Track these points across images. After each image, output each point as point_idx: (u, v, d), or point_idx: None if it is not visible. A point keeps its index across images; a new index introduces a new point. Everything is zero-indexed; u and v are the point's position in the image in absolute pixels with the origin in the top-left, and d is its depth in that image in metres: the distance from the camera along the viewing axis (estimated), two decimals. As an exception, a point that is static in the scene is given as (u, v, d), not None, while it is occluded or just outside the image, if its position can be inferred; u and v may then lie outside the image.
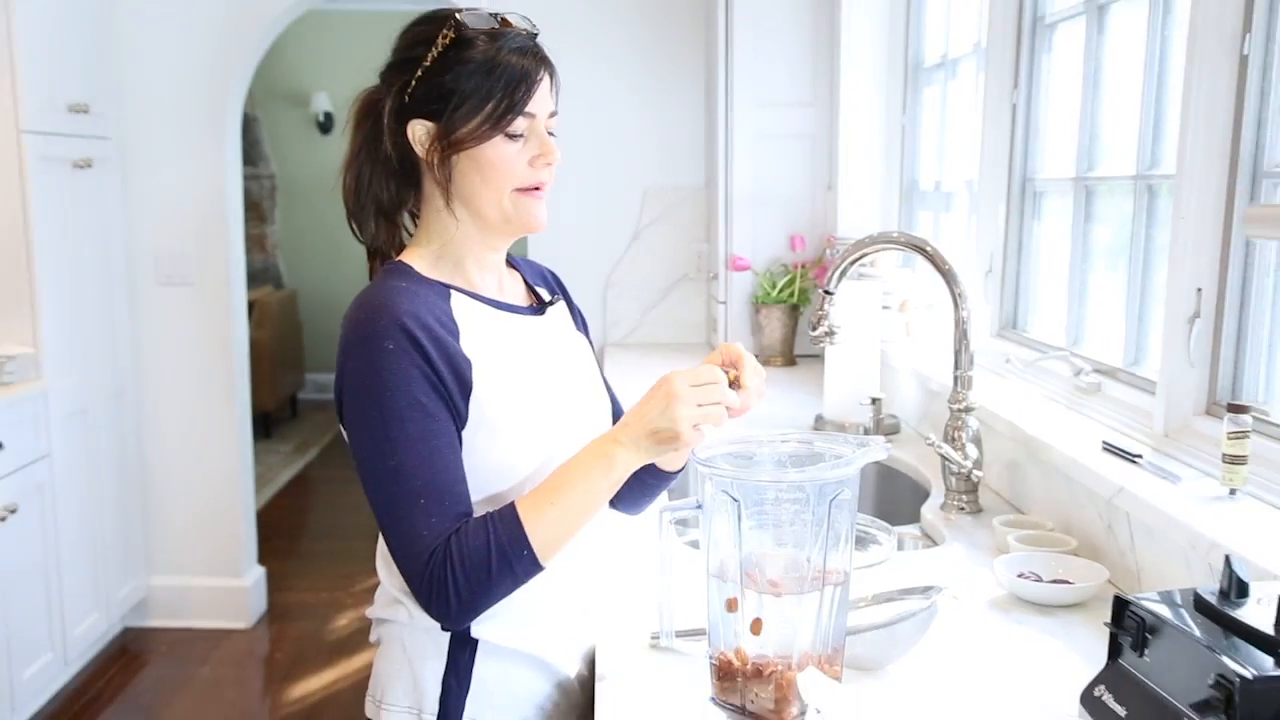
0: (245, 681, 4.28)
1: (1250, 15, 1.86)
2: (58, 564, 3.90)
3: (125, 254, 4.48)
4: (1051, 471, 2.09)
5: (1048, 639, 1.61)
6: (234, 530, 4.69)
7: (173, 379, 4.59)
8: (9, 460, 3.60)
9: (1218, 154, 1.91)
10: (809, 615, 1.26)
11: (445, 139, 1.46)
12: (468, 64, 1.44)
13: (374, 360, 1.40)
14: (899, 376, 3.08)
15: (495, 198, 1.48)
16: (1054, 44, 2.73)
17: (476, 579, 1.35)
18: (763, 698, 1.26)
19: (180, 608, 4.68)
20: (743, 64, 4.01)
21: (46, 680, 3.90)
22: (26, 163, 3.74)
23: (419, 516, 1.37)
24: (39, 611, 3.81)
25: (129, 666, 4.37)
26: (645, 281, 4.54)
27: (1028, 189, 2.83)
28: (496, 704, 1.52)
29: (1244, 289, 1.91)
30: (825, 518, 1.23)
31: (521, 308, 1.61)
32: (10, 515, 3.57)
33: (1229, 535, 1.53)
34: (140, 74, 4.43)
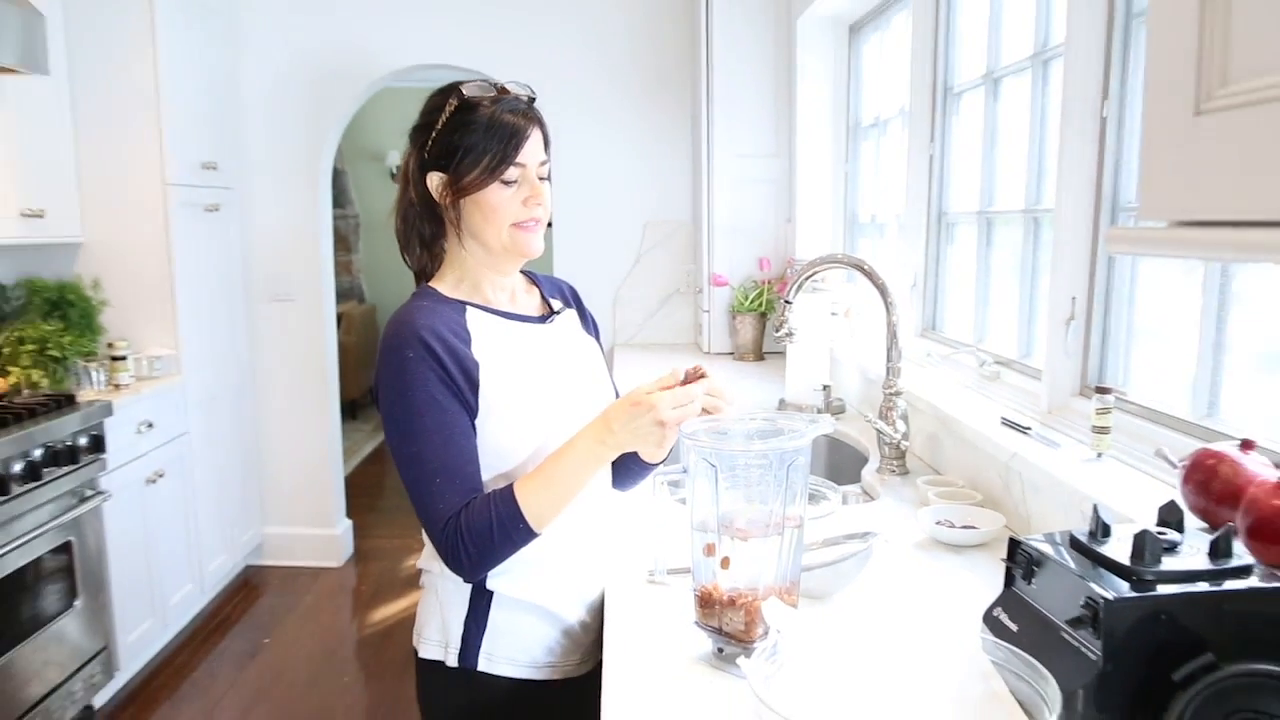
0: (338, 608, 4.30)
1: (1107, 86, 1.88)
2: (195, 516, 3.95)
3: (243, 277, 4.51)
4: (962, 441, 2.10)
5: (959, 572, 1.62)
6: (328, 490, 4.72)
7: (279, 374, 4.62)
8: (159, 436, 3.67)
9: (1086, 193, 1.92)
10: (771, 555, 1.26)
11: (454, 186, 1.46)
12: (469, 125, 1.44)
13: (398, 366, 1.41)
14: (844, 368, 3.09)
15: (496, 232, 1.47)
16: (961, 108, 2.74)
17: (482, 546, 1.38)
18: (735, 621, 1.27)
19: (288, 550, 4.72)
20: (720, 124, 4.02)
21: (188, 605, 3.96)
22: (170, 209, 3.80)
23: (436, 494, 1.39)
24: (181, 552, 3.87)
25: (249, 595, 4.40)
26: (646, 295, 4.56)
27: (942, 220, 2.83)
28: (508, 643, 1.52)
29: (1107, 297, 1.92)
30: (784, 479, 1.24)
31: (531, 317, 1.59)
32: (159, 478, 3.65)
33: (1097, 489, 1.54)
34: (255, 139, 4.46)
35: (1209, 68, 0.67)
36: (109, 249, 3.80)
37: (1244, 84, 0.64)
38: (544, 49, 4.36)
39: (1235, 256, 0.66)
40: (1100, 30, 1.88)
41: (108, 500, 3.23)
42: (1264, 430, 1.46)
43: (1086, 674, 1.02)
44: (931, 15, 2.79)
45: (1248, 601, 1.05)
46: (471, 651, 1.51)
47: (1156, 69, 0.72)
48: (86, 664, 3.15)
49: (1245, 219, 0.63)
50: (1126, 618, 1.01)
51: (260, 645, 3.90)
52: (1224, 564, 1.07)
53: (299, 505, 4.71)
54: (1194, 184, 0.68)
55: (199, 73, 4.04)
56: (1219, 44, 0.66)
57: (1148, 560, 1.06)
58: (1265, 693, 0.97)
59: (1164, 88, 0.71)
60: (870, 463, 2.31)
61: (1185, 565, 1.06)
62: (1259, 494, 1.20)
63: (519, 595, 1.51)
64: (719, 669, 1.28)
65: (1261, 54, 0.63)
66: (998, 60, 2.48)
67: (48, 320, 3.53)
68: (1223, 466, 1.30)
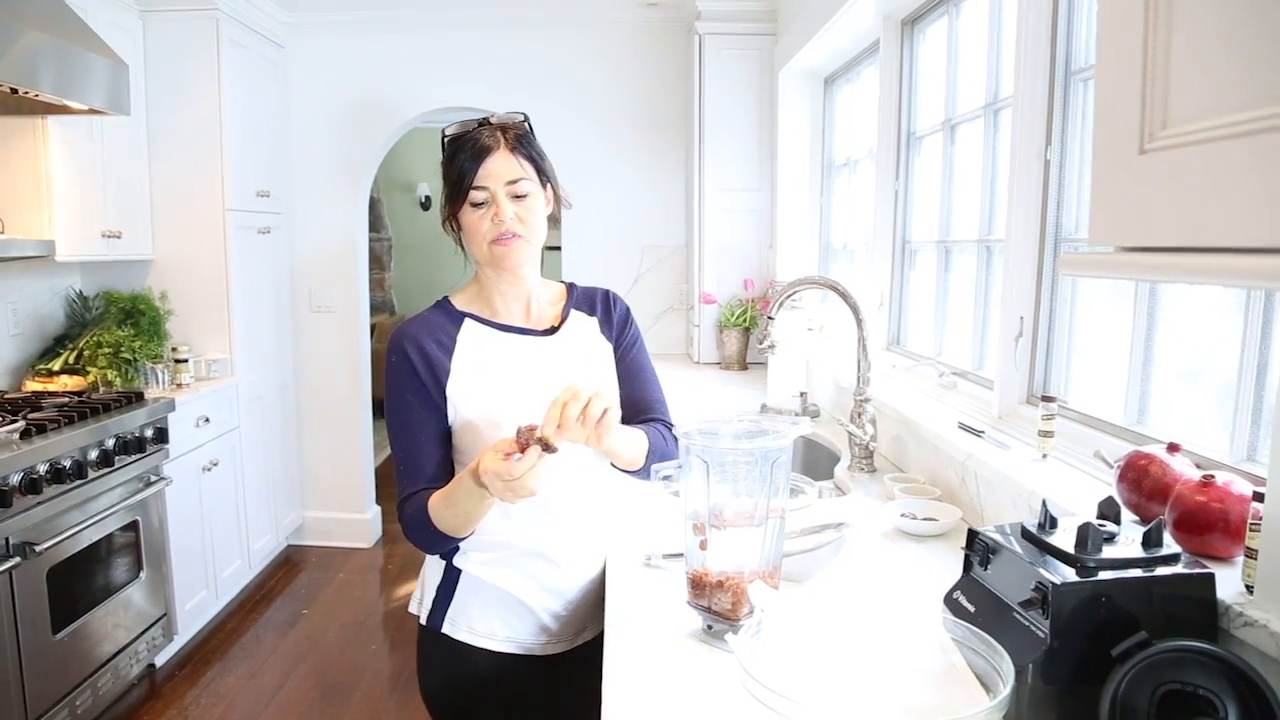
0: (368, 584, 4.27)
1: (1050, 133, 1.87)
2: (244, 500, 3.93)
3: (290, 291, 4.48)
4: (923, 443, 2.09)
5: (921, 558, 1.61)
6: (359, 479, 4.68)
7: (319, 376, 4.59)
8: (214, 430, 3.65)
9: (1032, 225, 1.91)
10: (756, 543, 1.25)
11: (446, 213, 1.47)
12: (450, 159, 1.44)
13: (387, 371, 1.45)
14: (818, 377, 3.08)
15: (479, 249, 1.45)
16: (922, 150, 2.73)
17: (414, 534, 1.40)
18: (723, 601, 1.25)
19: (324, 532, 4.68)
20: (711, 161, 4.01)
21: (237, 578, 3.93)
22: (228, 231, 3.80)
23: (399, 477, 1.43)
24: (232, 532, 3.85)
25: (290, 571, 4.36)
26: (643, 310, 4.53)
27: (906, 248, 2.82)
28: (470, 614, 1.52)
29: (1050, 317, 1.91)
30: (769, 474, 1.23)
31: (534, 330, 1.51)
32: (214, 467, 3.63)
33: (1042, 486, 1.52)
34: (303, 169, 4.44)
35: (1151, 112, 0.66)
36: (175, 265, 3.79)
37: (1183, 127, 0.63)
38: (555, 89, 4.35)
39: (1176, 278, 0.65)
40: (1043, 85, 1.87)
41: (170, 485, 3.22)
42: (1186, 434, 1.45)
43: (1035, 650, 1.00)
44: (896, 71, 2.78)
45: (1174, 585, 1.04)
46: (438, 615, 1.53)
47: (1104, 112, 0.71)
48: (150, 628, 3.13)
49: (1186, 245, 0.62)
50: (1072, 600, 1.00)
51: (299, 615, 3.87)
52: (1155, 552, 1.06)
53: (334, 492, 4.67)
54: (1138, 214, 0.67)
55: (256, 112, 4.04)
56: (1159, 91, 0.65)
57: (1090, 549, 1.05)
58: (1190, 665, 0.95)
59: (1111, 129, 0.70)
60: (842, 461, 2.29)
61: (1122, 554, 1.05)
62: (1184, 491, 1.19)
63: (482, 577, 1.51)
64: (708, 644, 1.26)
65: (1197, 101, 0.62)
66: (954, 109, 2.48)
67: (121, 327, 3.52)
68: (1153, 466, 1.29)
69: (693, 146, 4.11)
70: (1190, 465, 1.29)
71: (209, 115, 3.71)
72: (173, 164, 3.73)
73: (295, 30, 4.33)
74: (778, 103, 3.89)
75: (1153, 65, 0.65)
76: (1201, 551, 1.14)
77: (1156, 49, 0.65)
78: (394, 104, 4.43)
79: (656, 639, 1.29)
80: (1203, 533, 1.13)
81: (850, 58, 3.42)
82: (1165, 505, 1.22)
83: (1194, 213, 0.62)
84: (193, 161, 3.73)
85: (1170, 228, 0.64)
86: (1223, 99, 0.60)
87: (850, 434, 2.22)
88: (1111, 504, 1.16)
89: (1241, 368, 1.33)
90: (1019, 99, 1.89)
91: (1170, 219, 0.64)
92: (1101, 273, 0.74)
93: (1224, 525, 1.12)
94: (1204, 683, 0.94)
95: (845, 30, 3.09)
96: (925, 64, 2.71)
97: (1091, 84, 1.79)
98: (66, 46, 2.74)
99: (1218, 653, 0.93)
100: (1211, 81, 0.62)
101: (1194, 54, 0.63)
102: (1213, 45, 0.62)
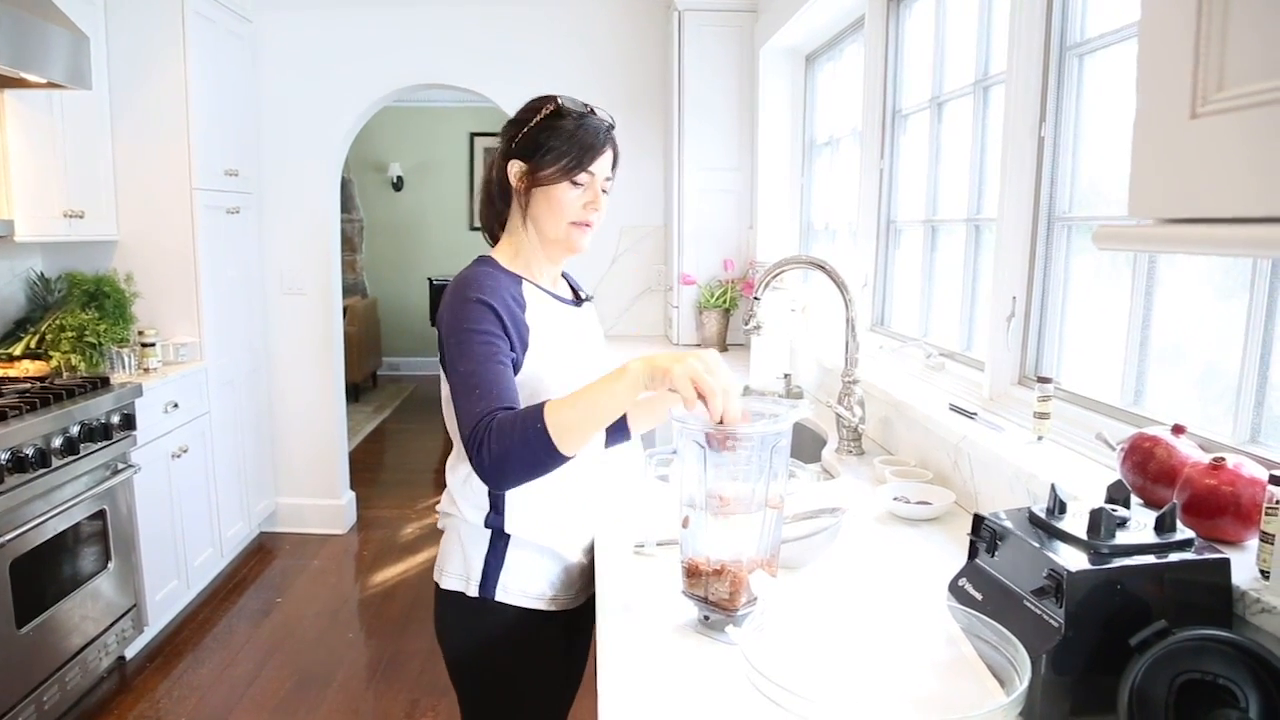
0: (342, 571, 4.19)
1: (1044, 109, 1.83)
2: (215, 487, 3.84)
3: (260, 273, 4.38)
4: (913, 425, 2.05)
5: (916, 543, 1.58)
6: (334, 465, 4.60)
7: (292, 360, 4.49)
8: (183, 415, 3.56)
9: (1026, 204, 1.88)
10: (754, 530, 1.21)
11: (532, 175, 1.47)
12: (559, 129, 1.45)
13: (461, 307, 1.40)
14: (801, 358, 3.04)
15: (556, 224, 1.48)
16: (909, 128, 2.69)
17: (504, 443, 1.26)
18: (720, 590, 1.21)
19: (298, 518, 4.60)
20: (690, 139, 3.95)
21: (208, 567, 3.84)
22: (196, 211, 3.69)
23: (475, 401, 1.34)
24: (203, 519, 3.77)
25: (263, 559, 4.28)
26: (621, 292, 4.48)
27: (891, 227, 2.79)
28: (522, 576, 1.52)
29: (1044, 297, 1.88)
30: (768, 459, 1.19)
31: (568, 300, 1.60)
32: (184, 454, 3.55)
33: (1039, 469, 1.50)
34: (273, 149, 4.33)
35: (1206, 72, 0.61)
36: (141, 246, 3.68)
37: (1242, 88, 0.58)
38: (531, 68, 4.26)
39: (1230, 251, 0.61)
40: (1038, 61, 1.83)
41: (138, 473, 3.13)
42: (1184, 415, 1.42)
43: (1049, 640, 0.97)
44: (881, 48, 2.74)
45: (1189, 571, 1.01)
46: (490, 584, 1.51)
47: (1150, 74, 0.66)
48: (119, 619, 3.05)
49: (1242, 216, 0.58)
50: (1086, 588, 0.97)
51: (273, 604, 3.80)
52: (1169, 538, 1.03)
53: (308, 478, 4.59)
54: (1187, 184, 0.63)
55: (223, 88, 3.92)
56: (1215, 50, 0.60)
57: (1103, 535, 1.01)
58: (1210, 655, 0.92)
59: (1157, 92, 0.65)
60: (829, 444, 2.26)
61: (1136, 539, 1.02)
62: (1194, 474, 1.16)
63: (532, 538, 1.51)
64: (705, 635, 1.22)
65: (1259, 59, 0.57)
66: (942, 86, 2.44)
67: (85, 310, 3.41)
68: (1158, 449, 1.26)
69: (672, 125, 4.04)
70: (1195, 447, 1.26)
71: (174, 91, 3.59)
72: (137, 141, 3.61)
73: (263, 4, 4.21)
74: (758, 81, 3.83)
75: (1208, 20, 0.60)
76: (1211, 536, 1.11)
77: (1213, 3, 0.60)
78: (366, 81, 4.32)
79: (651, 630, 1.24)
80: (1213, 516, 1.11)
81: (833, 35, 3.37)
82: (1171, 488, 1.20)
83: (1253, 181, 0.58)
84: (158, 139, 3.61)
85: (1225, 197, 0.60)
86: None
87: (838, 416, 2.19)
88: (1121, 488, 1.13)
89: (1246, 347, 1.30)
90: (1012, 75, 1.85)
91: (1225, 188, 0.60)
92: (1141, 246, 0.69)
93: (1235, 509, 1.09)
94: (1224, 672, 0.91)
95: (828, 7, 3.04)
96: (912, 40, 2.66)
97: (1088, 60, 1.76)
98: (23, 16, 2.62)
99: (1239, 641, 0.90)
100: (1276, 38, 0.57)
101: (1256, 6, 0.58)
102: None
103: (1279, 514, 1.00)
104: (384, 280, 9.02)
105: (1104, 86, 1.73)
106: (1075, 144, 1.80)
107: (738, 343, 3.99)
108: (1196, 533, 1.08)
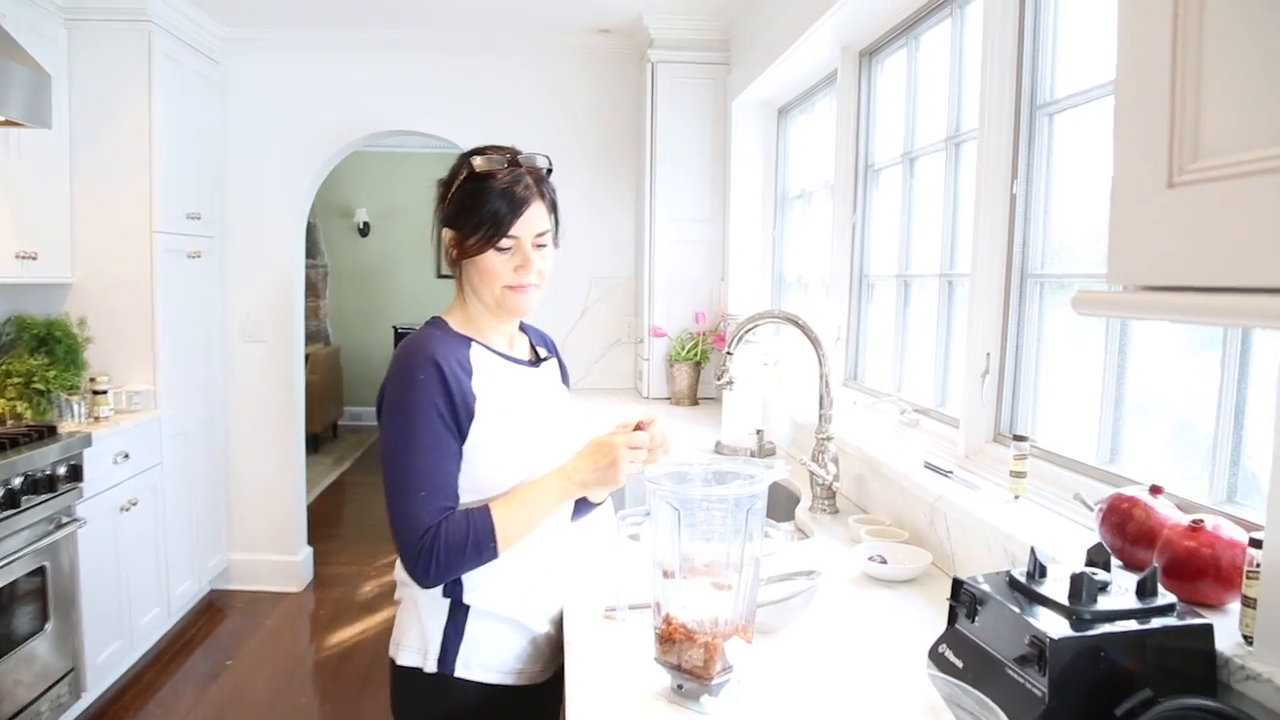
0: (298, 631, 4.09)
1: (1016, 166, 1.88)
2: (165, 542, 3.75)
3: (221, 319, 4.33)
4: (888, 483, 2.05)
5: (893, 606, 1.57)
6: (291, 519, 4.51)
7: (250, 409, 4.43)
8: (133, 466, 3.48)
9: (999, 260, 1.91)
10: (729, 595, 1.19)
11: (459, 246, 1.45)
12: (474, 194, 1.42)
13: (409, 383, 1.37)
14: (774, 414, 3.04)
15: (490, 291, 1.46)
16: (881, 183, 2.74)
17: (452, 557, 1.34)
18: (694, 658, 1.19)
19: (252, 575, 4.49)
20: (662, 191, 3.99)
21: (155, 626, 3.73)
22: (156, 254, 3.66)
23: (419, 504, 1.34)
24: (151, 576, 3.66)
25: (214, 618, 4.16)
26: (590, 344, 4.47)
27: (864, 281, 2.82)
28: (484, 650, 1.47)
29: (1017, 353, 1.91)
30: (744, 522, 1.18)
31: (523, 360, 1.55)
32: (133, 506, 3.46)
33: (1016, 529, 1.50)
34: (237, 192, 4.31)
35: (1181, 143, 0.63)
36: (97, 289, 3.62)
37: (1217, 159, 0.60)
38: (503, 115, 4.29)
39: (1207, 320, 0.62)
40: (1009, 118, 1.88)
41: (83, 527, 3.04)
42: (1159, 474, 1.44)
43: (1033, 710, 0.96)
44: (854, 103, 2.80)
45: (1172, 637, 1.01)
46: (449, 658, 1.45)
47: (1126, 143, 0.68)
48: (55, 685, 2.93)
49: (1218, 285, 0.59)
50: (1070, 655, 0.96)
51: (223, 666, 3.69)
52: (1151, 602, 1.03)
53: (263, 533, 4.50)
54: (1164, 251, 0.64)
55: (188, 130, 3.90)
56: (1190, 120, 0.62)
57: (1085, 600, 1.01)
58: (1194, 726, 0.92)
59: (1134, 160, 0.67)
60: (803, 502, 2.25)
61: (1119, 604, 1.02)
62: (1173, 536, 1.17)
63: (494, 609, 1.46)
64: (679, 705, 1.19)
65: (1233, 130, 0.59)
66: (914, 142, 2.49)
67: (35, 355, 3.34)
68: (1136, 510, 1.27)
69: (644, 176, 4.09)
70: (1174, 508, 1.27)
71: (138, 131, 3.57)
72: (97, 182, 3.58)
73: (232, 46, 4.22)
74: (731, 133, 3.90)
75: (1182, 91, 0.62)
76: (1192, 599, 1.12)
77: (1186, 73, 0.62)
78: (335, 126, 4.33)
79: (621, 699, 1.22)
80: (1194, 579, 1.11)
81: (805, 89, 3.44)
82: (1150, 550, 1.20)
83: (1229, 251, 0.59)
84: (119, 180, 3.58)
85: (1201, 266, 0.61)
86: (1264, 129, 0.57)
87: (812, 473, 2.19)
88: (1100, 550, 1.13)
89: (1220, 408, 1.32)
90: (984, 132, 1.90)
91: (1202, 257, 0.61)
92: (1120, 313, 0.70)
93: (1215, 572, 1.10)
94: (1210, 743, 0.91)
95: (801, 61, 3.10)
96: (884, 96, 2.72)
97: (1057, 119, 1.81)
98: (-20, 56, 2.61)
99: (1226, 710, 0.90)
100: (1249, 110, 0.59)
101: (1229, 78, 0.60)
102: (1250, 69, 0.59)
103: (1259, 577, 1.01)
104: (348, 327, 8.96)
105: (1074, 144, 1.78)
106: (1047, 201, 1.84)
107: (709, 396, 3.99)
108: (1177, 596, 1.09)
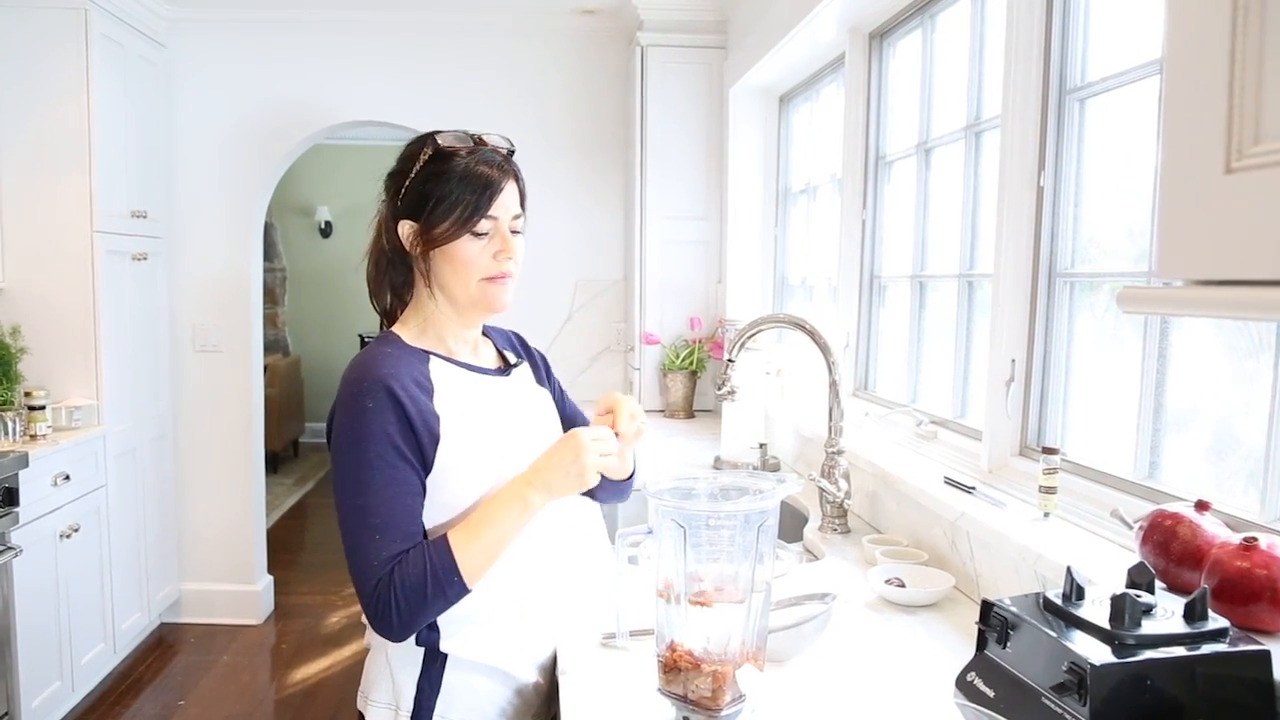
0: (257, 668, 4.06)
1: (1044, 157, 1.89)
2: (110, 572, 3.72)
3: (170, 327, 4.32)
4: (904, 499, 2.06)
5: (913, 632, 1.57)
6: (248, 545, 4.49)
7: (203, 425, 4.41)
8: (75, 489, 3.45)
9: (1025, 259, 1.92)
10: (739, 619, 1.19)
11: (425, 236, 1.40)
12: (443, 175, 1.38)
13: (357, 415, 1.32)
14: (778, 426, 3.05)
15: (465, 285, 1.41)
16: (893, 176, 2.76)
17: (415, 600, 1.28)
18: (701, 688, 1.19)
19: (206, 607, 4.47)
20: (653, 187, 4.00)
21: (99, 665, 3.70)
22: (97, 256, 3.64)
23: (374, 548, 1.29)
24: (94, 610, 3.63)
25: (165, 655, 4.13)
26: (576, 353, 4.47)
27: (875, 283, 2.84)
28: (462, 705, 1.42)
29: (1045, 360, 1.92)
30: (754, 541, 1.18)
31: (490, 370, 1.52)
32: (74, 533, 3.43)
33: (1047, 549, 1.50)
34: (187, 189, 4.30)
35: (1241, 125, 0.63)
36: (31, 295, 3.60)
37: (1281, 140, 0.61)
38: (477, 105, 4.29)
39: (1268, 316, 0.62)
40: (1035, 104, 1.90)
41: (18, 556, 3.01)
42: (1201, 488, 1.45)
43: (1074, 743, 0.97)
44: (863, 89, 2.81)
45: (1225, 665, 1.01)
46: (425, 713, 1.40)
47: (1178, 126, 0.68)
48: (-13, 730, 2.91)
49: (1283, 277, 0.60)
50: (1113, 683, 0.97)
51: (174, 708, 3.66)
52: (1200, 627, 1.04)
53: (218, 560, 4.47)
54: (1222, 243, 0.65)
55: (132, 122, 3.89)
56: (1251, 101, 0.63)
57: (1128, 624, 1.02)
58: (1248, 760, 0.93)
59: (1186, 146, 0.67)
60: (812, 521, 2.25)
61: (1165, 629, 1.03)
62: (1223, 556, 1.17)
63: (473, 657, 1.40)
64: (686, 739, 1.19)
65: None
66: (929, 131, 2.51)
67: (-39, 368, 3.32)
68: (1181, 528, 1.28)
69: (633, 170, 4.10)
70: (1222, 526, 1.28)
71: (75, 121, 3.56)
72: (28, 177, 3.56)
73: (180, 28, 4.21)
74: (728, 123, 3.91)
75: (1242, 67, 0.63)
76: (1244, 624, 1.12)
77: (1247, 47, 0.63)
78: (294, 116, 4.32)
79: (622, 736, 1.22)
80: (1247, 603, 1.12)
81: (809, 74, 3.46)
82: (1197, 572, 1.21)
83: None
84: (54, 175, 3.56)
85: (1262, 258, 0.62)
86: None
87: (822, 490, 2.19)
88: (1143, 570, 1.14)
89: (1272, 416, 1.33)
90: (1008, 120, 1.91)
91: (1262, 248, 0.62)
92: (1171, 310, 0.71)
93: (1272, 595, 1.11)
94: (1267, 778, 0.92)
95: (804, 44, 3.12)
96: (896, 81, 2.74)
97: (1089, 104, 1.82)
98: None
99: (1283, 743, 0.91)
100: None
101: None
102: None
103: (1317, 600, 1.01)
104: (309, 336, 8.91)
105: (1108, 133, 1.79)
106: (1077, 194, 1.86)
107: (705, 408, 4.00)
108: (1230, 621, 1.10)
